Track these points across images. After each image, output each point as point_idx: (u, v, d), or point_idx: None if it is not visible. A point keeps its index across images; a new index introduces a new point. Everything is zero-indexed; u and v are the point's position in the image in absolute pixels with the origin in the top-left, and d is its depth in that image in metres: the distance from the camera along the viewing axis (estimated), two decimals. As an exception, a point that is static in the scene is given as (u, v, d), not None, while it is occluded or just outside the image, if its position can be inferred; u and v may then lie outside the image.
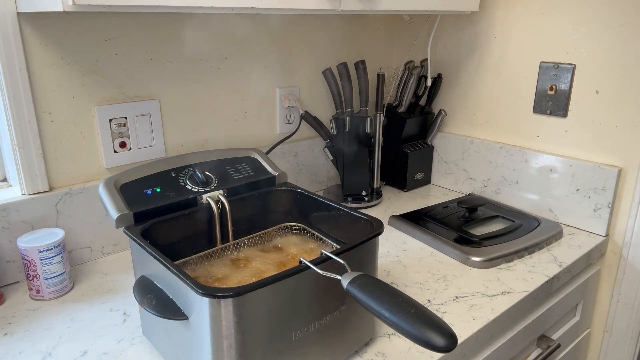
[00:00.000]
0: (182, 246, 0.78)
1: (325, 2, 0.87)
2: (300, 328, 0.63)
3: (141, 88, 1.01)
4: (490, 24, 1.25)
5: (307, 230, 0.88)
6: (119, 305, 0.85)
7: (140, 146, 1.03)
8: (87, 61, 0.94)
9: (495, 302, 0.87)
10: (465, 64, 1.32)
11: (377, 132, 1.29)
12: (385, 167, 1.41)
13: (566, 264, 0.99)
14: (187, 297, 0.59)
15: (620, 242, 1.12)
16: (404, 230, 1.14)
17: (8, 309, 0.83)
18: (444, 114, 1.38)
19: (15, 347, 0.74)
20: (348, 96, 1.25)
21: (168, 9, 0.71)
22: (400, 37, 1.48)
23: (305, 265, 0.61)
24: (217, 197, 0.82)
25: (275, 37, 1.20)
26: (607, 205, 1.10)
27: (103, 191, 0.75)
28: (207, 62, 1.09)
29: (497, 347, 0.86)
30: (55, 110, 0.92)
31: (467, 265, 0.99)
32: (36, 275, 0.84)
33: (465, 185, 1.38)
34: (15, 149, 0.89)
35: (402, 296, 0.56)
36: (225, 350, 0.57)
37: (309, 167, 1.35)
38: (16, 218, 0.89)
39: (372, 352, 0.74)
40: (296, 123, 1.29)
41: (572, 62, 1.11)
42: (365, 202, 1.29)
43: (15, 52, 0.84)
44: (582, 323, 1.16)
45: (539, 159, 1.19)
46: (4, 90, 0.85)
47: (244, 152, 0.93)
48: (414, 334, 0.52)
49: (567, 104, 1.14)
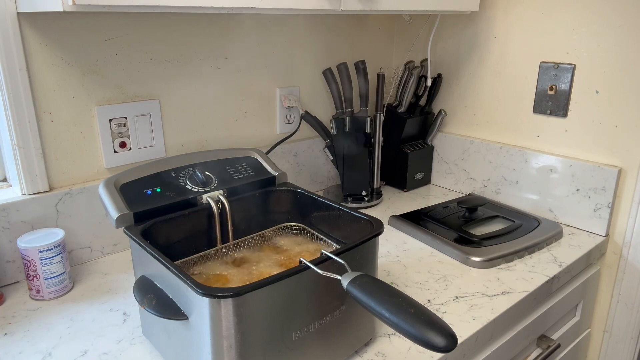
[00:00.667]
0: (182, 246, 0.78)
1: (325, 2, 0.87)
2: (300, 328, 0.63)
3: (141, 88, 1.01)
4: (490, 24, 1.25)
5: (307, 230, 0.88)
6: (119, 305, 0.85)
7: (140, 146, 1.03)
8: (87, 61, 0.94)
9: (495, 302, 0.87)
10: (465, 64, 1.32)
11: (377, 132, 1.29)
12: (385, 167, 1.41)
13: (566, 264, 0.99)
14: (187, 297, 0.59)
15: (620, 242, 1.12)
16: (404, 230, 1.14)
17: (8, 309, 0.84)
18: (444, 114, 1.38)
19: (15, 347, 0.74)
20: (348, 96, 1.25)
21: (168, 9, 0.71)
22: (400, 37, 1.48)
23: (305, 265, 0.61)
24: (217, 197, 0.82)
25: (275, 37, 1.20)
26: (607, 205, 1.10)
27: (103, 191, 0.75)
28: (207, 62, 1.09)
29: (497, 347, 0.86)
30: (55, 110, 0.92)
31: (467, 265, 0.99)
32: (36, 275, 0.84)
33: (465, 185, 1.38)
34: (15, 149, 0.89)
35: (402, 296, 0.56)
36: (225, 350, 0.57)
37: (309, 167, 1.35)
38: (16, 218, 0.89)
39: (372, 352, 0.74)
40: (296, 123, 1.29)
41: (572, 62, 1.11)
42: (365, 202, 1.29)
43: (15, 52, 0.84)
44: (582, 323, 1.16)
45: (539, 159, 1.19)
46: (4, 90, 0.85)
47: (244, 152, 0.93)
48: (414, 334, 0.52)
49: (567, 104, 1.14)
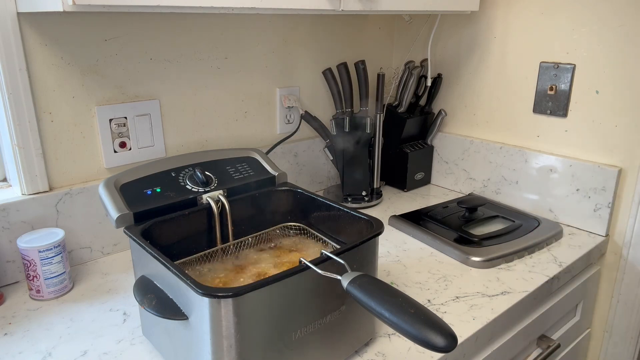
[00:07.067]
0: (182, 246, 0.78)
1: (325, 2, 0.87)
2: (300, 328, 0.63)
3: (141, 88, 1.01)
4: (490, 24, 1.25)
5: (307, 230, 0.88)
6: (119, 305, 0.85)
7: (140, 146, 1.03)
8: (87, 61, 0.94)
9: (495, 302, 0.87)
10: (465, 64, 1.32)
11: (377, 132, 1.29)
12: (385, 167, 1.41)
13: (566, 264, 0.99)
14: (187, 297, 0.59)
15: (620, 242, 1.12)
16: (404, 230, 1.14)
17: (8, 309, 0.83)
18: (444, 114, 1.38)
19: (15, 347, 0.74)
20: (348, 96, 1.25)
21: (168, 9, 0.71)
22: (400, 37, 1.48)
23: (305, 266, 0.61)
24: (217, 197, 0.82)
25: (275, 37, 1.20)
26: (607, 205, 1.10)
27: (103, 191, 0.75)
28: (207, 62, 1.09)
29: (497, 347, 0.86)
30: (55, 110, 0.92)
31: (467, 265, 0.99)
32: (36, 275, 0.84)
33: (465, 185, 1.38)
34: (15, 149, 0.89)
35: (402, 296, 0.56)
36: (225, 350, 0.57)
37: (309, 167, 1.35)
38: (16, 218, 0.89)
39: (372, 352, 0.74)
40: (296, 123, 1.29)
41: (572, 62, 1.11)
42: (365, 202, 1.29)
43: (15, 52, 0.84)
44: (582, 323, 1.16)
45: (539, 159, 1.19)
46: (4, 90, 0.85)
47: (244, 152, 0.93)
48: (414, 334, 0.52)
49: (567, 104, 1.14)
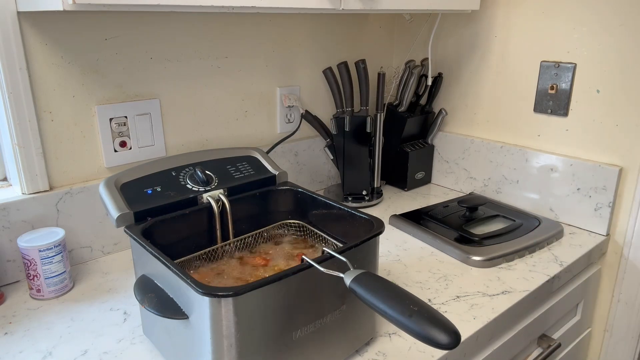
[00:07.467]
0: (183, 245, 0.78)
1: (326, 1, 0.86)
2: (301, 327, 0.63)
3: (141, 87, 1.01)
4: (491, 23, 1.24)
5: (307, 229, 0.88)
6: (119, 305, 0.85)
7: (141, 145, 1.03)
8: (88, 60, 0.94)
9: (496, 301, 0.86)
10: (465, 63, 1.32)
11: (378, 132, 1.29)
12: (386, 166, 1.41)
13: (567, 264, 0.99)
14: (188, 296, 0.59)
15: (621, 242, 1.12)
16: (405, 229, 1.14)
17: (8, 309, 0.83)
18: (445, 113, 1.38)
19: (16, 347, 0.74)
20: (348, 95, 1.25)
21: (168, 8, 0.71)
22: (401, 36, 1.48)
23: (308, 264, 0.61)
24: (218, 196, 0.82)
25: (275, 36, 1.20)
26: (607, 205, 1.09)
27: (103, 190, 0.75)
28: (207, 62, 1.09)
29: (498, 346, 0.86)
30: (55, 109, 0.92)
31: (467, 264, 0.99)
32: (36, 274, 0.84)
33: (465, 184, 1.38)
34: (16, 148, 0.89)
35: (404, 293, 0.56)
36: (226, 349, 0.57)
37: (310, 167, 1.35)
38: (16, 217, 0.89)
39: (373, 351, 0.74)
40: (296, 122, 1.29)
41: (572, 61, 1.11)
42: (366, 202, 1.29)
43: (16, 52, 0.84)
44: (582, 322, 1.16)
45: (540, 158, 1.19)
46: (4, 89, 0.85)
47: (244, 151, 0.93)
48: (417, 331, 0.52)
49: (568, 103, 1.13)
